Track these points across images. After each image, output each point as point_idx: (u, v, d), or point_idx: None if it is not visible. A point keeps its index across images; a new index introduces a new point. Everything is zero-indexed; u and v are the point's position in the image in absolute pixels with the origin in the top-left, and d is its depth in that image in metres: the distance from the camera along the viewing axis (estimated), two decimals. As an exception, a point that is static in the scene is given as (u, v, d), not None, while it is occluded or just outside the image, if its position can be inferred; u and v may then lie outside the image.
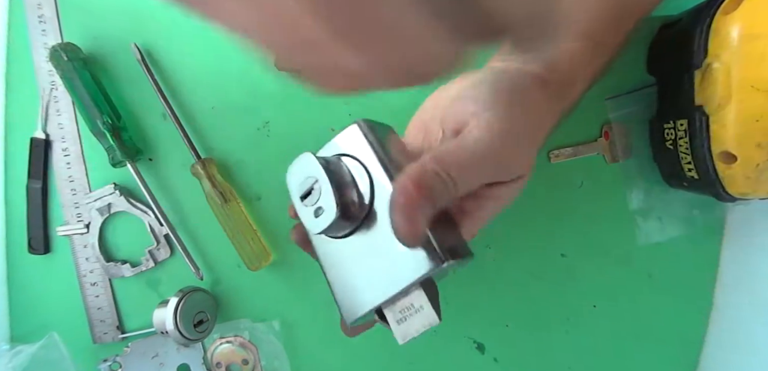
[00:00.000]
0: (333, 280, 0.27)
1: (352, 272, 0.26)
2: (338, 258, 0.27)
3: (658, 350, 0.40)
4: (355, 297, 0.26)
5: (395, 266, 0.24)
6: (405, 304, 0.25)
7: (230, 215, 0.39)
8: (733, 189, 0.30)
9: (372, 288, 0.25)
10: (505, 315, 0.41)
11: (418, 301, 0.25)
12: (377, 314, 0.26)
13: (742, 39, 0.26)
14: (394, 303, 0.25)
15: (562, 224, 0.39)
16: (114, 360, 0.42)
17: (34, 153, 0.40)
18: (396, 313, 0.25)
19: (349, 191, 0.25)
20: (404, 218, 0.22)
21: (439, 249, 0.23)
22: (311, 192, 0.24)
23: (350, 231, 0.26)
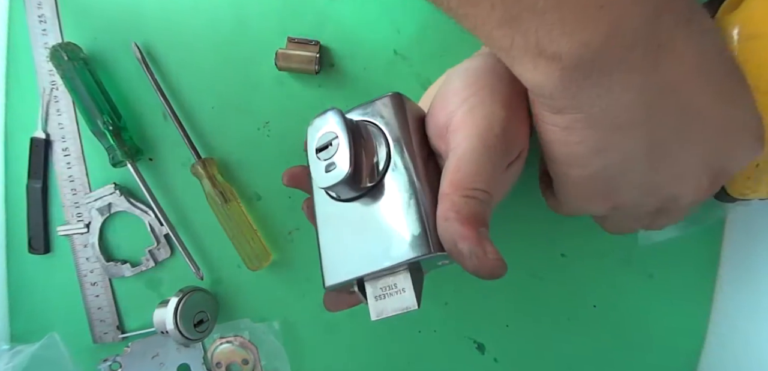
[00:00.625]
0: (323, 241, 0.27)
1: (344, 238, 0.26)
2: (335, 221, 0.26)
3: (658, 350, 0.40)
4: (341, 263, 0.26)
5: (389, 242, 0.24)
6: (388, 282, 0.25)
7: (230, 215, 0.39)
8: (733, 190, 0.30)
9: (360, 257, 0.25)
10: (505, 315, 0.41)
11: (401, 283, 0.25)
12: (357, 285, 0.26)
13: (741, 39, 0.26)
14: (378, 278, 0.25)
15: (562, 224, 0.39)
16: (114, 360, 0.42)
17: (35, 153, 0.40)
18: (377, 288, 0.25)
19: (365, 156, 0.25)
20: (480, 264, 0.22)
21: (433, 238, 0.24)
22: (328, 147, 0.24)
23: (354, 197, 0.26)
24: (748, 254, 0.36)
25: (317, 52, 0.37)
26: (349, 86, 0.39)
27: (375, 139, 0.26)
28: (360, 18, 0.38)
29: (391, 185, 0.25)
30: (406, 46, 0.38)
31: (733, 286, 0.37)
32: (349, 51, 0.38)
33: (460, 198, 0.22)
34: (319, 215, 0.27)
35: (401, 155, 0.25)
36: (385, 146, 0.26)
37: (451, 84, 0.26)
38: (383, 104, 0.27)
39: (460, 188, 0.23)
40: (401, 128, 0.26)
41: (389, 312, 0.25)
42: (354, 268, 0.25)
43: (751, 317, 0.35)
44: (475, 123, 0.24)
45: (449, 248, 0.23)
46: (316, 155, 0.25)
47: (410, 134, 0.26)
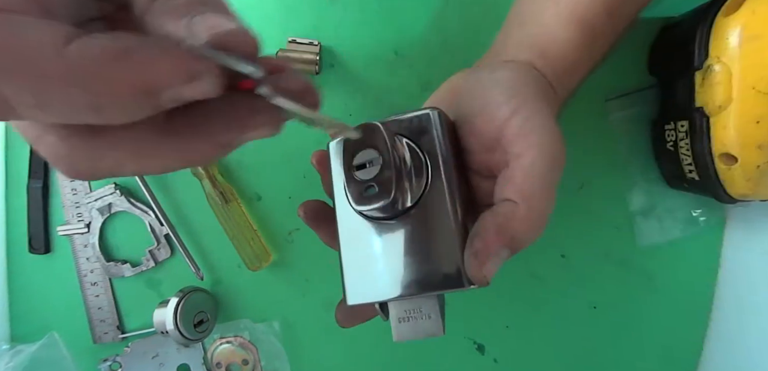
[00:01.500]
0: (347, 257, 0.25)
1: (371, 257, 0.24)
2: (361, 238, 0.25)
3: (657, 350, 0.40)
4: (367, 282, 0.24)
5: (422, 269, 0.23)
6: (414, 306, 0.24)
7: (231, 215, 0.39)
8: (733, 191, 0.30)
9: (389, 279, 0.24)
10: (505, 315, 0.41)
11: (428, 309, 0.24)
12: (380, 305, 0.25)
13: (742, 40, 0.26)
14: (404, 301, 0.24)
15: (562, 225, 0.39)
16: (114, 360, 0.42)
17: (35, 153, 0.40)
18: (401, 311, 0.24)
19: (405, 179, 0.24)
20: (476, 265, 0.22)
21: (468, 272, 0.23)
22: (367, 166, 0.23)
23: (389, 217, 0.24)
24: (748, 255, 0.36)
25: (318, 52, 0.37)
26: (350, 87, 0.39)
27: (414, 158, 0.24)
28: (360, 19, 0.38)
29: (427, 208, 0.24)
30: (407, 47, 0.38)
31: (732, 286, 0.37)
32: (350, 51, 0.38)
33: (521, 214, 0.22)
34: (344, 229, 0.25)
35: (440, 179, 0.24)
36: (425, 168, 0.24)
37: (489, 98, 0.25)
38: (424, 121, 0.25)
39: (523, 199, 0.22)
40: (442, 150, 0.24)
41: (412, 336, 0.24)
42: (381, 291, 0.24)
43: (751, 317, 0.35)
44: (536, 135, 0.23)
45: (471, 236, 0.22)
46: (352, 173, 0.23)
47: (451, 157, 0.25)
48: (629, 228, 0.39)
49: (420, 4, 0.38)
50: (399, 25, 0.38)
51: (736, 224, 0.37)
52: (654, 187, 0.38)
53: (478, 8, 0.37)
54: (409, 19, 0.38)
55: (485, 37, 0.31)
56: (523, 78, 0.26)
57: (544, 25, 0.28)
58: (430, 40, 0.38)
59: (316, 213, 0.27)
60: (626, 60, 0.37)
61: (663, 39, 0.35)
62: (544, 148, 0.23)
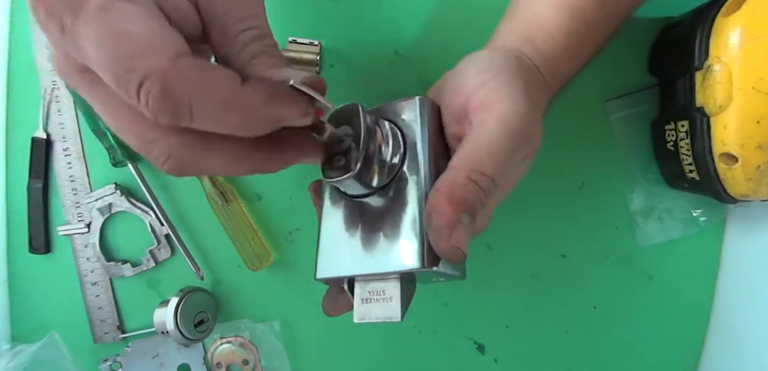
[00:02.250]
0: (323, 233, 0.26)
1: (344, 234, 0.25)
2: (338, 215, 0.26)
3: (658, 350, 0.40)
4: (336, 258, 0.25)
5: (386, 247, 0.24)
6: (377, 287, 0.24)
7: (231, 215, 0.39)
8: (733, 191, 0.30)
9: (356, 257, 0.24)
10: (505, 315, 0.41)
11: (390, 291, 0.24)
12: (348, 284, 0.25)
13: (743, 40, 0.26)
14: (369, 281, 0.24)
15: (562, 225, 0.39)
16: (114, 360, 0.42)
17: (35, 153, 0.40)
18: (365, 291, 0.25)
19: (378, 156, 0.24)
20: (442, 239, 0.21)
21: (429, 253, 0.23)
22: (342, 141, 0.24)
23: (361, 195, 0.25)
24: (748, 254, 0.36)
25: (318, 53, 0.37)
26: (350, 86, 0.39)
27: (393, 139, 0.25)
28: (361, 19, 0.38)
29: (401, 190, 0.25)
30: (407, 47, 0.38)
31: (733, 286, 0.37)
32: (350, 52, 0.38)
33: (462, 178, 0.22)
34: (325, 207, 0.27)
35: (415, 161, 0.25)
36: (401, 148, 0.25)
37: (465, 68, 0.26)
38: (408, 106, 0.26)
39: (468, 169, 0.22)
40: (421, 134, 0.25)
41: (372, 318, 0.24)
42: (347, 266, 0.25)
43: (751, 317, 0.35)
44: (498, 104, 0.23)
45: (426, 217, 0.22)
46: (327, 147, 0.24)
47: (429, 142, 0.25)
48: (629, 228, 0.39)
49: (420, 3, 0.38)
50: (399, 25, 0.38)
51: (737, 224, 0.37)
52: (654, 187, 0.38)
53: (478, 8, 0.37)
54: (409, 19, 0.38)
55: (485, 37, 0.31)
56: (503, 58, 0.26)
57: (534, 12, 0.28)
58: (430, 40, 0.38)
59: (320, 191, 0.28)
60: (626, 60, 0.37)
61: (663, 39, 0.35)
62: (503, 117, 0.23)
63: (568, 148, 0.38)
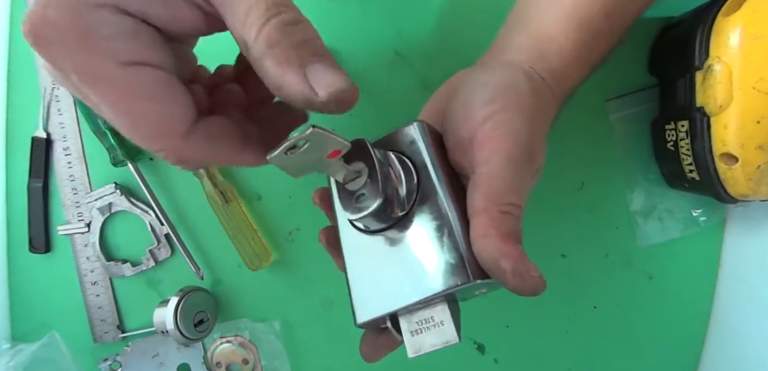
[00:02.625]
0: (352, 276, 0.25)
1: (374, 272, 0.25)
2: (363, 254, 0.25)
3: (658, 350, 0.40)
4: (373, 298, 0.24)
5: (423, 273, 0.23)
6: (424, 316, 0.24)
7: (231, 215, 0.39)
8: (733, 191, 0.30)
9: (394, 291, 0.24)
10: (506, 315, 0.41)
11: (439, 315, 0.23)
12: (391, 321, 0.24)
13: (743, 40, 0.26)
14: (414, 312, 0.24)
15: (562, 225, 0.39)
16: (114, 360, 0.42)
17: (35, 152, 0.40)
18: (412, 323, 0.24)
19: (394, 186, 0.24)
20: (523, 281, 0.21)
21: (472, 265, 0.23)
22: (356, 178, 0.23)
23: (383, 228, 0.25)
24: (748, 254, 0.36)
25: (318, 52, 0.37)
26: (350, 86, 0.39)
27: (402, 168, 0.25)
28: (361, 19, 0.38)
29: (422, 214, 0.24)
30: (407, 47, 0.38)
31: (733, 286, 0.37)
32: (350, 52, 0.38)
33: (497, 214, 0.22)
34: (346, 249, 0.26)
35: (429, 182, 0.24)
36: (414, 175, 0.25)
37: (471, 98, 0.25)
38: (407, 134, 0.26)
39: (496, 204, 0.22)
40: (427, 156, 0.25)
41: (427, 347, 0.24)
42: (387, 303, 0.24)
43: (751, 317, 0.35)
44: (502, 139, 0.23)
45: (490, 266, 0.22)
46: (341, 186, 0.24)
47: (436, 161, 0.25)
48: (629, 228, 0.39)
49: (420, 3, 0.38)
50: (399, 25, 0.38)
51: (737, 224, 0.37)
52: (654, 187, 0.38)
53: (478, 8, 0.37)
54: (409, 19, 0.38)
55: (486, 37, 0.31)
56: (513, 82, 0.26)
57: (544, 26, 0.28)
58: (431, 40, 0.38)
59: (334, 239, 0.28)
60: (626, 60, 0.37)
61: (663, 39, 0.35)
62: (508, 154, 0.23)
63: (568, 148, 0.38)
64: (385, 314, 0.24)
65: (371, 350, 0.28)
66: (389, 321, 0.24)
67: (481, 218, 0.22)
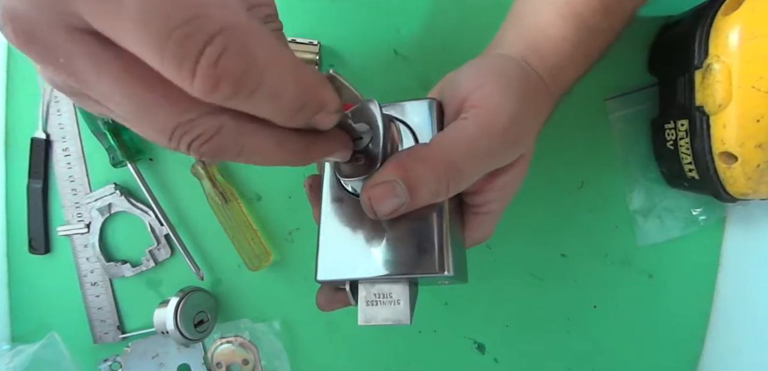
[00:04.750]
0: (325, 234, 0.25)
1: (346, 234, 0.25)
2: (340, 214, 0.25)
3: (658, 350, 0.40)
4: (339, 259, 0.24)
5: (396, 250, 0.23)
6: (383, 290, 0.24)
7: (231, 215, 0.39)
8: (733, 190, 0.30)
9: (361, 258, 0.24)
10: (505, 315, 0.41)
11: (397, 294, 0.24)
12: (350, 285, 0.25)
13: (742, 39, 0.26)
14: (374, 283, 0.24)
15: (562, 225, 0.39)
16: (114, 360, 0.42)
17: (35, 153, 0.40)
18: (370, 293, 0.24)
19: (392, 147, 0.24)
20: (369, 189, 0.22)
21: (445, 258, 0.23)
22: (360, 138, 0.23)
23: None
24: (748, 254, 0.36)
25: (318, 52, 0.37)
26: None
27: (404, 139, 0.25)
28: (360, 18, 0.38)
29: None
30: (406, 46, 0.38)
31: (732, 285, 0.37)
32: (350, 51, 0.38)
33: (437, 165, 0.22)
34: (326, 205, 0.26)
35: None
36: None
37: (466, 70, 0.26)
38: (418, 107, 0.26)
39: (442, 158, 0.22)
40: (431, 133, 0.25)
41: (379, 320, 0.24)
42: (352, 268, 0.24)
43: (750, 316, 0.35)
44: (486, 107, 0.23)
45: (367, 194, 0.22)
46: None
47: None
48: (629, 227, 0.39)
49: (420, 3, 0.38)
50: (399, 24, 0.38)
51: (736, 223, 0.37)
52: (654, 186, 0.38)
53: (477, 7, 0.37)
54: (408, 18, 0.38)
55: (485, 36, 0.31)
56: (505, 64, 0.26)
57: (539, 21, 0.28)
58: (430, 39, 0.38)
59: (319, 189, 0.27)
60: (626, 59, 0.37)
61: (663, 38, 0.35)
62: (488, 117, 0.23)
63: (568, 147, 0.38)
64: (347, 278, 0.24)
65: (327, 302, 0.28)
66: (349, 285, 0.25)
67: (417, 151, 0.22)
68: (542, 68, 0.27)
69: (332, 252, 0.25)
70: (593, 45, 0.29)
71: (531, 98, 0.26)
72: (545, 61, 0.28)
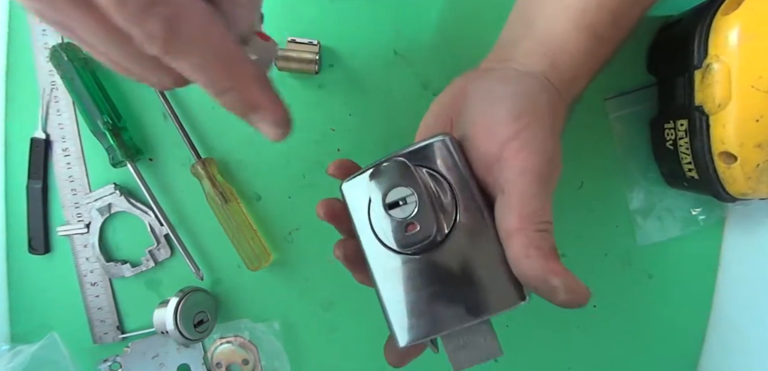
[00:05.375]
0: (388, 299, 0.25)
1: (412, 293, 0.24)
2: (397, 274, 0.24)
3: (658, 350, 0.40)
4: (415, 320, 0.24)
5: (470, 295, 0.23)
6: (467, 334, 0.24)
7: (230, 215, 0.39)
8: (733, 189, 0.30)
9: (438, 313, 0.23)
10: (505, 315, 0.40)
11: (482, 333, 0.24)
12: (432, 341, 0.24)
13: (741, 39, 0.27)
14: (457, 333, 0.24)
15: (562, 224, 0.39)
16: (114, 360, 0.42)
17: (35, 153, 0.40)
18: (457, 341, 0.24)
19: (440, 211, 0.24)
20: (574, 296, 0.22)
21: (518, 288, 0.23)
22: (401, 204, 0.23)
23: (427, 250, 0.24)
24: (747, 254, 0.36)
25: (317, 52, 0.37)
26: (350, 86, 0.39)
27: (441, 188, 0.24)
28: (360, 18, 0.38)
29: (463, 234, 0.24)
30: (406, 46, 0.38)
31: (732, 284, 0.37)
32: (349, 51, 0.38)
33: (535, 233, 0.22)
34: (376, 269, 0.25)
35: (469, 202, 0.24)
36: (451, 195, 0.24)
37: (493, 113, 0.25)
38: (438, 150, 0.25)
39: (532, 223, 0.22)
40: (464, 174, 0.24)
41: (473, 362, 0.24)
42: (432, 326, 0.24)
43: (751, 317, 0.35)
44: (530, 157, 0.23)
45: (538, 285, 0.22)
46: (386, 212, 0.23)
47: (473, 179, 0.25)
48: (629, 227, 0.39)
49: (420, 3, 0.38)
50: (399, 24, 0.38)
51: (736, 223, 0.37)
52: (654, 186, 0.38)
53: (477, 7, 0.37)
54: (408, 18, 0.38)
55: (485, 36, 0.31)
56: (534, 95, 0.26)
57: (554, 30, 0.28)
58: (430, 39, 0.38)
59: (357, 255, 0.27)
60: (626, 59, 0.37)
61: (662, 38, 0.35)
62: (538, 171, 0.23)
63: (568, 147, 0.38)
64: (433, 336, 0.24)
65: (399, 358, 0.27)
66: (430, 341, 0.25)
67: (521, 240, 0.22)
68: (559, 81, 0.28)
69: (404, 315, 0.24)
70: (602, 54, 0.29)
71: (557, 119, 0.26)
72: (562, 74, 0.28)
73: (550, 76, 0.27)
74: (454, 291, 0.23)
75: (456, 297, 0.23)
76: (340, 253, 0.27)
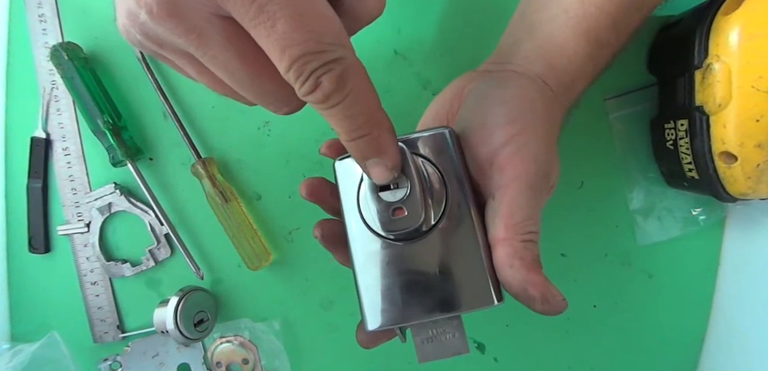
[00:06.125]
0: (363, 281, 0.24)
1: (389, 280, 0.24)
2: (376, 259, 0.24)
3: (658, 350, 0.40)
4: (387, 306, 0.24)
5: (446, 290, 0.23)
6: (437, 328, 0.24)
7: (230, 214, 0.39)
8: (733, 189, 0.30)
9: (409, 302, 0.23)
10: (505, 314, 0.41)
11: (452, 329, 0.24)
12: (400, 328, 0.24)
13: (742, 39, 0.26)
14: (426, 324, 0.24)
15: (562, 224, 0.39)
16: (114, 360, 0.43)
17: (35, 152, 0.40)
18: (425, 333, 0.24)
19: (429, 199, 0.24)
20: (549, 306, 0.23)
21: (496, 289, 0.23)
22: (392, 188, 0.23)
23: (407, 239, 0.24)
24: (748, 254, 0.36)
25: (317, 51, 0.37)
26: (349, 86, 0.39)
27: (433, 178, 0.24)
28: (360, 18, 0.38)
29: (448, 227, 0.24)
30: (406, 46, 0.38)
31: (732, 285, 0.37)
32: (349, 51, 0.38)
33: (520, 243, 0.22)
34: (356, 251, 0.25)
35: (460, 198, 0.24)
36: (443, 187, 0.24)
37: (488, 116, 0.25)
38: (437, 140, 0.25)
39: (518, 234, 0.23)
40: (460, 169, 0.24)
41: (439, 356, 0.24)
42: (403, 314, 0.23)
43: (751, 317, 0.35)
44: (522, 164, 0.23)
45: (517, 292, 0.23)
46: (375, 195, 0.23)
47: (467, 174, 0.25)
48: (629, 227, 0.39)
49: (420, 3, 0.38)
50: (399, 23, 0.38)
51: (736, 223, 0.37)
52: (654, 186, 0.38)
53: (477, 7, 0.37)
54: (409, 18, 0.38)
55: (485, 37, 0.32)
56: (531, 99, 0.26)
57: (555, 38, 0.28)
58: (430, 39, 0.38)
59: (334, 236, 0.27)
60: (626, 59, 0.37)
61: (663, 38, 0.35)
62: (530, 180, 0.23)
63: (568, 147, 0.38)
64: (401, 325, 0.24)
65: (370, 341, 0.28)
66: (399, 329, 0.24)
67: (505, 249, 0.23)
68: (557, 84, 0.28)
69: (377, 299, 0.24)
70: (601, 59, 0.29)
71: (553, 124, 0.26)
72: (561, 78, 0.28)
73: (547, 79, 0.27)
74: (430, 283, 0.23)
75: (431, 289, 0.23)
76: (318, 232, 0.27)
